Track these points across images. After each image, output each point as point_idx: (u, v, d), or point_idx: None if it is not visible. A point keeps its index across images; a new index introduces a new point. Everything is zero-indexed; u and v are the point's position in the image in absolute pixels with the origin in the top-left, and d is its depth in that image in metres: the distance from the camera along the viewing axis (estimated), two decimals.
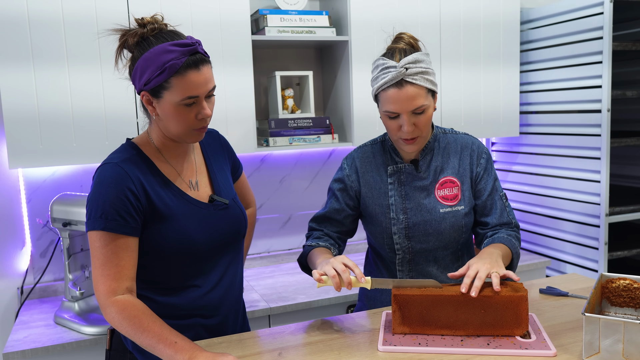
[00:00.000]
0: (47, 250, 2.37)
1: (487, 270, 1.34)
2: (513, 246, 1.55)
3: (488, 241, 1.58)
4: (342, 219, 1.68)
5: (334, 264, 1.38)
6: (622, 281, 1.40)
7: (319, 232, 1.69)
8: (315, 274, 1.39)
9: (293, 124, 2.46)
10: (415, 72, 1.45)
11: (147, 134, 1.44)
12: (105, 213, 1.29)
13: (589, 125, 2.53)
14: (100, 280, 1.29)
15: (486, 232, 1.64)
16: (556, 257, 2.77)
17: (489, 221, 1.63)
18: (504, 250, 1.51)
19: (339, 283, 1.37)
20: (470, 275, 1.34)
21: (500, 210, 1.63)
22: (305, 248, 1.64)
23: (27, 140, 2.01)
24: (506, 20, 2.71)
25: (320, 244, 1.62)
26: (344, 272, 1.36)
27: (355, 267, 1.38)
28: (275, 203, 2.76)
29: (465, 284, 1.33)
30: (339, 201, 1.67)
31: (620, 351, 1.15)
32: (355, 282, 1.39)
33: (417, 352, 1.28)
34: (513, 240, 1.57)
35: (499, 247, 1.50)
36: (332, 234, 1.68)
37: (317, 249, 1.58)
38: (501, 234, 1.59)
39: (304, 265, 1.66)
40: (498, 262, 1.39)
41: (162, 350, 1.21)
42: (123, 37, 1.33)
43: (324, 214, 1.69)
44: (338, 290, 1.37)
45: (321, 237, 1.67)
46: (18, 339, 1.93)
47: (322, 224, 1.70)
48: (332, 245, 1.64)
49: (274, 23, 2.38)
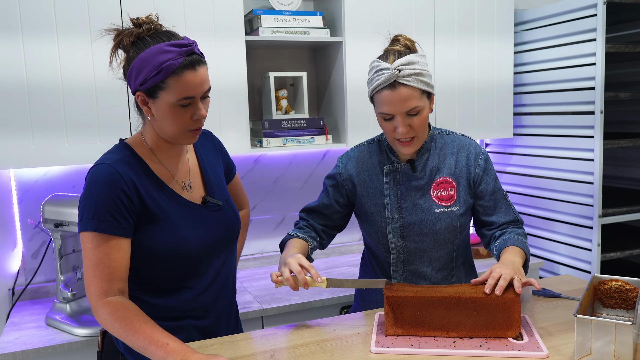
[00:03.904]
0: (39, 251, 2.36)
1: (510, 275, 1.35)
2: (525, 247, 1.57)
3: (500, 243, 1.58)
4: (330, 214, 1.72)
5: (290, 264, 1.43)
6: (614, 283, 1.40)
7: (304, 222, 1.73)
8: (272, 276, 1.44)
9: (287, 124, 2.45)
10: (408, 74, 1.46)
11: (140, 135, 1.43)
12: (97, 214, 1.28)
13: (582, 126, 2.54)
14: (92, 282, 1.29)
15: (494, 232, 1.65)
16: (549, 258, 2.78)
17: (495, 220, 1.65)
18: (521, 256, 1.53)
19: (294, 284, 1.43)
20: (494, 277, 1.35)
21: (505, 208, 1.65)
22: (286, 236, 1.68)
23: (18, 141, 2.00)
24: (499, 22, 2.72)
25: (299, 235, 1.66)
26: (299, 273, 1.42)
27: (311, 267, 1.44)
28: (269, 204, 2.75)
29: (490, 284, 1.34)
30: (329, 197, 1.71)
31: (611, 352, 1.15)
32: (312, 282, 1.44)
33: (410, 353, 1.28)
34: (523, 240, 1.59)
35: (517, 254, 1.51)
36: (316, 226, 1.71)
37: (293, 240, 1.63)
38: (510, 234, 1.60)
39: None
40: (520, 270, 1.43)
41: (154, 352, 1.20)
42: (118, 36, 1.33)
43: (313, 207, 1.73)
44: (295, 290, 1.44)
45: (304, 227, 1.71)
46: (9, 341, 1.91)
47: (310, 214, 1.74)
48: (311, 237, 1.67)
49: (267, 23, 2.38)
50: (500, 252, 1.56)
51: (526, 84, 2.85)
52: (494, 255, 1.60)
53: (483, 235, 1.70)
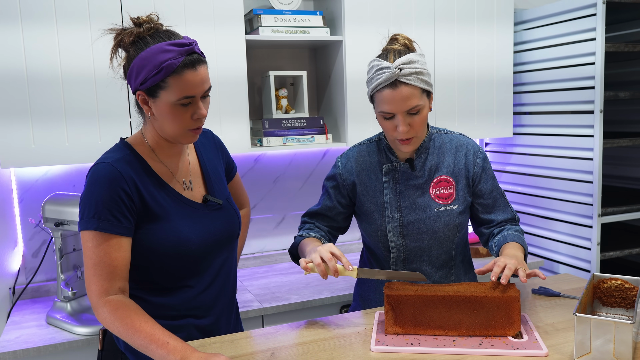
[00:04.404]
0: (40, 250, 2.36)
1: (514, 265, 1.36)
2: (524, 243, 1.60)
3: (499, 240, 1.61)
4: (334, 216, 1.71)
5: (321, 252, 1.40)
6: (613, 282, 1.41)
7: (310, 224, 1.72)
8: (302, 262, 1.41)
9: (287, 124, 2.46)
10: (409, 73, 1.46)
11: (141, 134, 1.43)
12: (98, 213, 1.29)
13: (581, 126, 2.54)
14: (93, 281, 1.29)
15: (492, 230, 1.67)
16: (549, 257, 2.79)
17: (494, 219, 1.67)
18: (522, 250, 1.55)
19: (324, 271, 1.39)
20: (499, 266, 1.36)
21: (503, 207, 1.68)
22: (296, 239, 1.67)
23: (18, 140, 2.00)
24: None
25: (311, 234, 1.65)
26: (330, 260, 1.38)
27: (342, 256, 1.40)
28: (269, 203, 2.76)
29: (495, 272, 1.35)
30: (331, 199, 1.70)
31: (611, 351, 1.15)
32: (342, 270, 1.40)
33: (410, 352, 1.28)
34: (521, 237, 1.61)
35: (517, 249, 1.53)
36: (323, 228, 1.71)
37: (308, 239, 1.62)
38: (508, 230, 1.63)
39: (294, 256, 1.68)
40: (523, 263, 1.45)
41: (154, 351, 1.21)
42: (118, 36, 1.33)
43: (316, 210, 1.72)
44: (324, 277, 1.39)
45: (312, 228, 1.70)
46: (10, 340, 1.92)
47: (314, 218, 1.73)
48: (322, 236, 1.67)
49: (268, 23, 2.38)
50: (499, 248, 1.58)
51: (526, 83, 2.85)
52: (493, 252, 1.62)
53: (481, 234, 1.71)
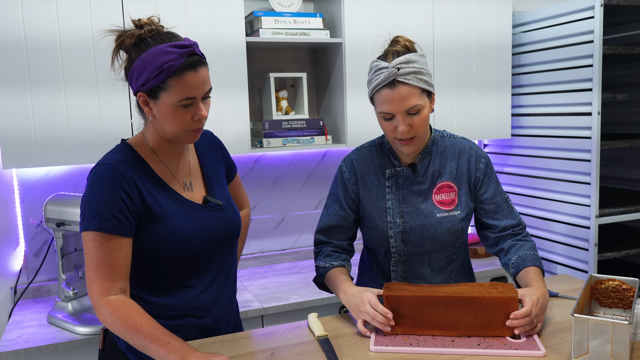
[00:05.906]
0: (41, 250, 2.37)
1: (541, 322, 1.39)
2: (541, 265, 1.57)
3: (517, 261, 1.56)
4: (350, 225, 1.67)
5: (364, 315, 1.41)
6: (611, 282, 1.42)
7: (328, 247, 1.67)
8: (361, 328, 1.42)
9: (287, 125, 2.47)
10: (407, 72, 1.45)
11: (142, 135, 1.44)
12: (99, 213, 1.29)
13: (579, 127, 2.56)
14: (94, 281, 1.30)
15: (498, 236, 1.64)
16: (547, 258, 2.80)
17: (498, 224, 1.63)
18: (541, 276, 1.53)
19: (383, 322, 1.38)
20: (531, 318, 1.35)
21: (507, 212, 1.64)
22: (319, 270, 1.64)
23: (21, 141, 2.01)
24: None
25: (334, 264, 1.62)
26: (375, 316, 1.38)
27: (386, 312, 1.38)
28: (269, 204, 2.76)
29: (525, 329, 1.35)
30: (343, 207, 1.65)
31: (608, 351, 1.16)
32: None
33: (409, 352, 1.29)
34: (537, 255, 1.58)
35: (540, 279, 1.50)
36: (342, 244, 1.67)
37: (334, 271, 1.59)
38: (523, 248, 1.59)
39: (320, 284, 1.66)
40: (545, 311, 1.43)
41: (155, 351, 1.22)
42: (120, 38, 1.34)
43: (329, 223, 1.67)
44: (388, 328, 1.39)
45: (331, 254, 1.65)
46: (11, 339, 1.93)
47: (330, 234, 1.68)
48: (344, 260, 1.64)
49: (268, 25, 2.39)
50: (517, 271, 1.55)
51: (524, 85, 2.86)
52: (510, 272, 1.58)
53: (485, 237, 1.68)
